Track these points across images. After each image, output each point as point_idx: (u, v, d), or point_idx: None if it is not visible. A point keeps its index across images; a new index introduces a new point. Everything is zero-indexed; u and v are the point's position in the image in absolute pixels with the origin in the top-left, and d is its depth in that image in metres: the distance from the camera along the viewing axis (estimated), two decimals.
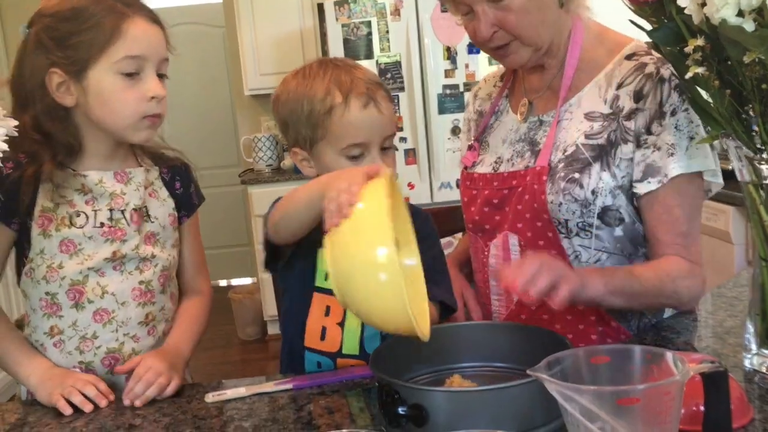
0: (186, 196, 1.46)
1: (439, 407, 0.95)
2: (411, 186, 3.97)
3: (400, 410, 0.97)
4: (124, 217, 1.33)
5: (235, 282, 5.91)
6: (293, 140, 1.31)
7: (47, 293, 1.31)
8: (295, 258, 1.30)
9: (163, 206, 1.41)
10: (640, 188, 1.28)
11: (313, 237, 1.16)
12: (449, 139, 3.93)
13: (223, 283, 6.03)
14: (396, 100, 3.86)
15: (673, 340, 1.25)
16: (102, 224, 1.32)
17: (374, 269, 0.98)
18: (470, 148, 1.51)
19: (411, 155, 3.97)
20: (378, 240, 0.98)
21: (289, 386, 1.21)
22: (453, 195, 3.80)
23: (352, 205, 1.00)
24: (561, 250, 1.30)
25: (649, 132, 1.28)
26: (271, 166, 4.65)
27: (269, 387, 1.21)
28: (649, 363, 0.89)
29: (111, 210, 1.33)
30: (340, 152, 1.26)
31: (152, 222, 1.38)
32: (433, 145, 3.93)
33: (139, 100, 1.27)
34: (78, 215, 1.31)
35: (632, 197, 1.30)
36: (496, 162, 1.43)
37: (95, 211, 1.32)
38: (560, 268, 1.13)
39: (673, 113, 1.26)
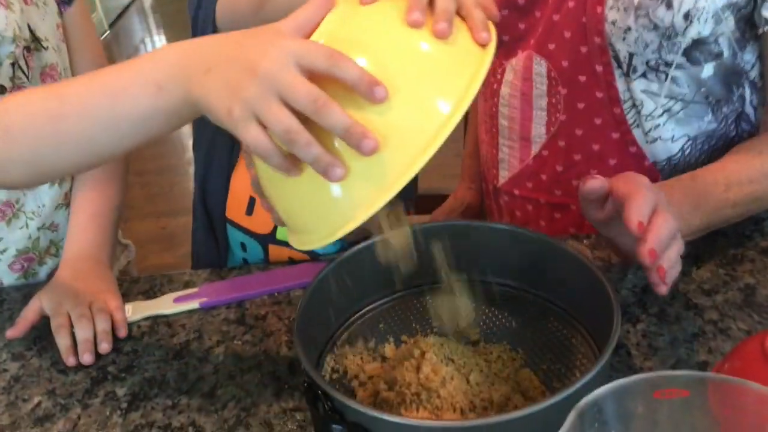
0: None
1: None
2: None
3: (335, 428, 0.61)
4: (21, 68, 0.90)
5: None
6: None
7: None
8: None
9: (47, 15, 0.95)
10: None
11: None
12: None
13: None
14: None
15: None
16: (3, 87, 0.89)
17: None
18: None
19: None
20: None
21: (194, 305, 0.84)
22: None
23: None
24: (613, 95, 0.85)
25: None
26: None
27: (167, 306, 0.85)
28: (758, 409, 0.51)
29: (14, 64, 0.89)
30: None
31: (45, 49, 0.94)
32: None
33: None
34: None
35: (747, 20, 0.81)
36: None
37: None
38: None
39: None
